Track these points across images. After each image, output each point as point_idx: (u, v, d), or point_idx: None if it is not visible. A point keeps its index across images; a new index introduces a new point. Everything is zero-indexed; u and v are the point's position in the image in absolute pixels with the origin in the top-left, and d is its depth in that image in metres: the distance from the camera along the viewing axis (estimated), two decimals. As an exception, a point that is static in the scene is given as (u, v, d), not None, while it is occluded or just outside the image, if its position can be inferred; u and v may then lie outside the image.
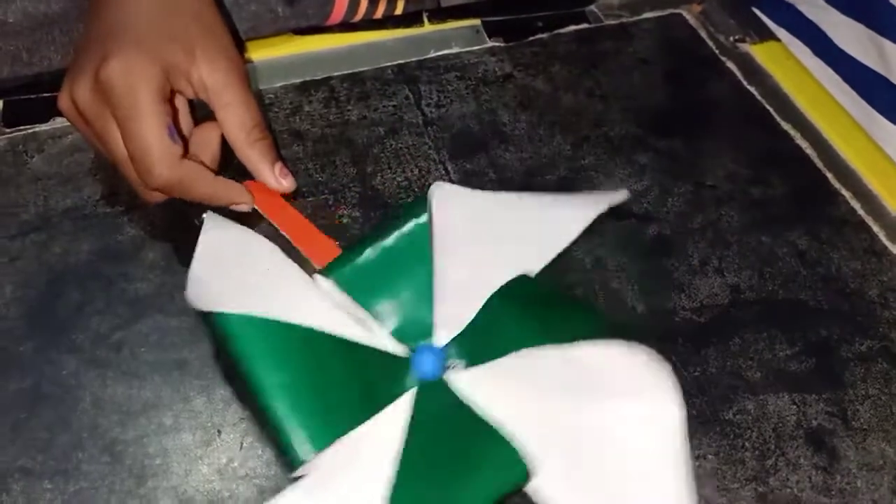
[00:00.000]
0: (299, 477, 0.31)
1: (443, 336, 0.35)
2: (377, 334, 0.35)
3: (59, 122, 0.45)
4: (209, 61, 0.37)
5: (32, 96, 0.47)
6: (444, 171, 0.43)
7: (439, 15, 0.51)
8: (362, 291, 0.35)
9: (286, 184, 0.39)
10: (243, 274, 0.35)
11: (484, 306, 0.35)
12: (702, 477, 0.33)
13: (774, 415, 0.34)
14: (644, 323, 0.37)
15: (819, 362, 0.36)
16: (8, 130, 0.45)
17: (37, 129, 0.45)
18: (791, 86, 0.48)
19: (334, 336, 0.34)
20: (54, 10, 0.45)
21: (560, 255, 0.37)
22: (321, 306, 0.35)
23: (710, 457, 0.33)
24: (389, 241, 0.37)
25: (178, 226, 0.41)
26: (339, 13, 0.49)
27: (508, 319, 0.34)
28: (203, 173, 0.37)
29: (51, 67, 0.46)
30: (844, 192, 0.43)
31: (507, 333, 0.34)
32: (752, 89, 0.48)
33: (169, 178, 0.35)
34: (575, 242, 0.40)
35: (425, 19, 0.51)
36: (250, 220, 0.39)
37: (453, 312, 0.35)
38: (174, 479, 0.32)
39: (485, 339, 0.34)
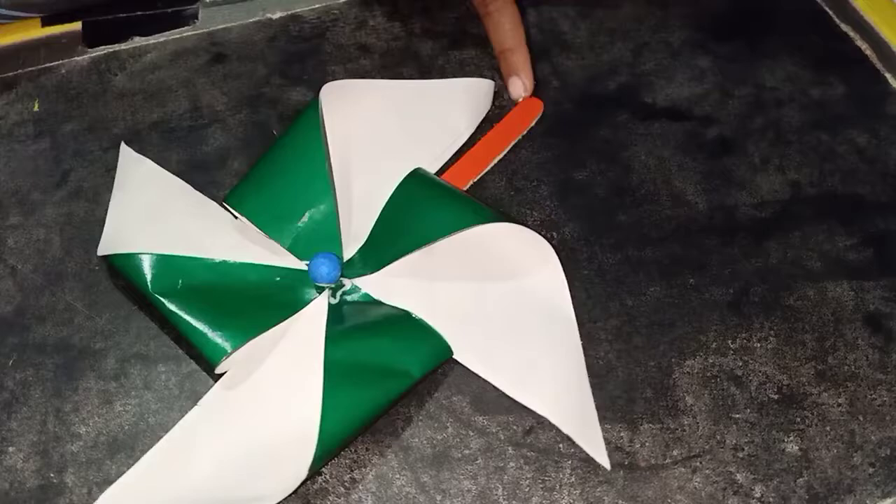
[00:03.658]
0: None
1: (350, 251, 0.37)
2: (279, 254, 0.37)
3: (137, 42, 0.47)
4: None
5: (110, 17, 0.49)
6: (508, 80, 0.45)
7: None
8: (266, 218, 0.37)
9: (513, 92, 0.43)
10: (154, 214, 0.37)
11: (381, 212, 0.37)
12: (762, 356, 0.35)
13: (833, 300, 0.36)
14: (706, 219, 0.39)
15: (877, 252, 0.38)
16: (90, 50, 0.47)
17: (117, 49, 0.47)
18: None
19: (239, 262, 0.36)
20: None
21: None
22: (227, 239, 0.37)
23: (771, 338, 0.35)
24: (284, 159, 0.38)
25: (256, 137, 0.43)
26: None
27: (404, 220, 0.37)
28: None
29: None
30: (903, 91, 0.44)
31: (404, 234, 0.36)
32: (810, -7, 0.48)
33: None
34: (634, 144, 0.42)
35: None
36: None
37: (357, 225, 0.38)
38: (275, 363, 0.35)
39: (385, 244, 0.36)
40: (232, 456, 0.32)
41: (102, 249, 0.37)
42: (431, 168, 0.40)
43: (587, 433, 0.32)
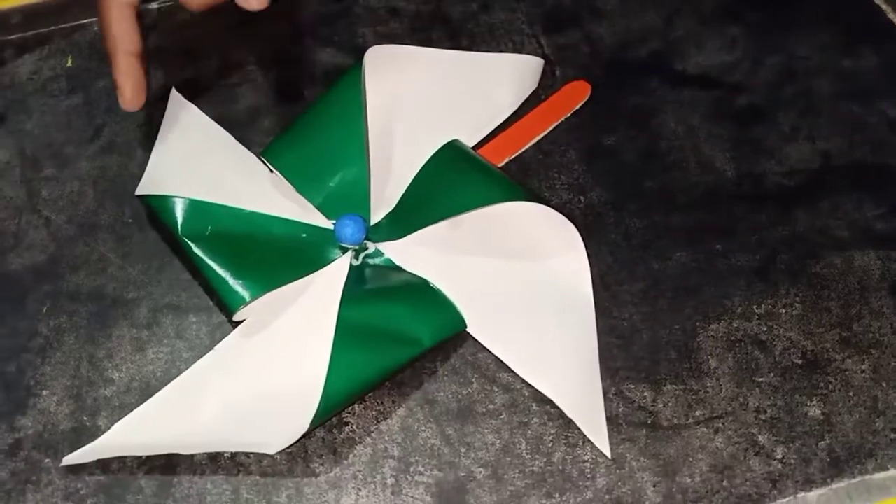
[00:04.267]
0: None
1: (378, 215, 0.38)
2: (308, 211, 0.37)
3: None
4: None
5: (142, -24, 0.49)
6: (537, 45, 0.45)
7: None
8: (299, 175, 0.37)
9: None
10: (193, 160, 0.38)
11: (413, 180, 0.37)
12: (787, 322, 0.35)
13: (860, 269, 0.36)
14: (734, 186, 0.39)
15: (905, 222, 0.37)
16: (122, 8, 0.48)
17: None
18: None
19: (268, 215, 0.37)
20: None
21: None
22: (260, 191, 0.37)
23: (796, 304, 0.35)
24: (322, 118, 0.38)
25: (286, 97, 0.43)
26: None
27: (434, 190, 0.37)
28: None
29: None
30: (936, 64, 0.43)
31: (433, 204, 0.36)
32: (844, -36, 0.48)
33: None
34: (664, 111, 0.42)
35: None
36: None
37: (389, 191, 0.38)
38: (304, 316, 0.36)
39: (413, 212, 0.37)
40: (239, 401, 0.33)
41: (140, 189, 0.37)
42: (470, 141, 0.40)
43: (591, 420, 0.32)
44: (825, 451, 0.32)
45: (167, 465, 0.32)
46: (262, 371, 0.33)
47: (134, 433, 0.32)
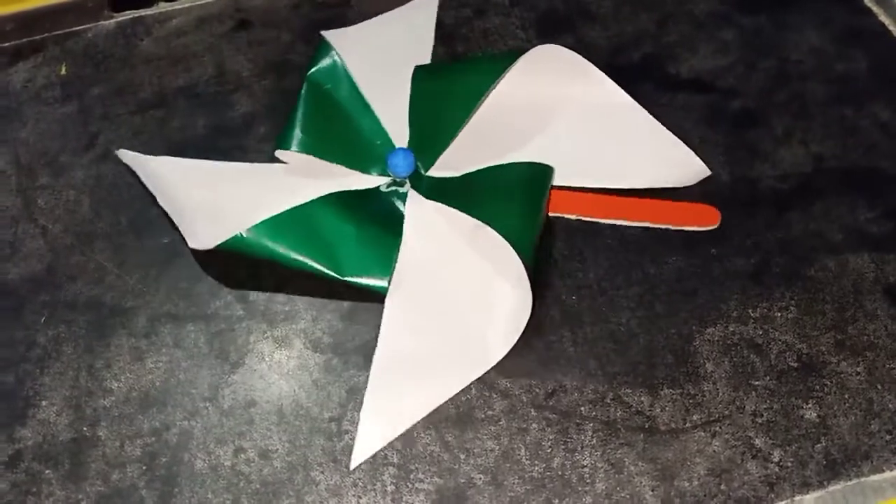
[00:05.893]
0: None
1: (437, 172, 0.39)
2: (400, 128, 0.40)
3: (163, 7, 0.48)
4: None
5: (135, -18, 0.49)
6: (531, 50, 0.45)
7: None
8: (419, 98, 0.40)
9: None
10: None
11: (487, 168, 0.38)
12: (783, 325, 0.35)
13: (854, 272, 0.37)
14: (728, 190, 0.39)
15: (898, 225, 0.38)
16: (116, 15, 0.48)
17: (143, 14, 0.48)
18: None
19: (373, 109, 0.40)
20: None
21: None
22: (389, 86, 0.41)
23: (791, 308, 0.36)
24: (460, 74, 0.41)
25: (281, 104, 0.43)
26: None
27: (492, 189, 0.37)
28: None
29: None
30: (927, 66, 0.44)
31: (478, 198, 0.37)
32: (835, -33, 0.48)
33: None
34: (658, 115, 0.42)
35: None
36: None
37: (458, 161, 0.39)
38: (302, 324, 0.36)
39: (461, 189, 0.38)
40: (218, 197, 0.37)
41: (326, 33, 0.43)
42: (570, 179, 0.39)
43: (373, 433, 0.33)
44: (821, 453, 0.32)
45: (168, 475, 0.32)
46: (244, 189, 0.38)
47: (165, 169, 0.39)
